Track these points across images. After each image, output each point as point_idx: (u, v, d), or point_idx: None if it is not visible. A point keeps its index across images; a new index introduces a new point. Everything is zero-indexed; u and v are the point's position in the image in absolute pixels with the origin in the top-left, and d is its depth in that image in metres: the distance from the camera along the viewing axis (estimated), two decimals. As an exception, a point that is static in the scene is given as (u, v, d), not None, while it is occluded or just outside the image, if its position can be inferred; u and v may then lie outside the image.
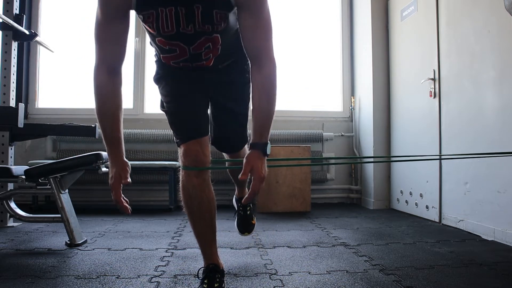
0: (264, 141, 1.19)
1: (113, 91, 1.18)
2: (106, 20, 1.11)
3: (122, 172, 1.19)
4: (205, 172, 1.31)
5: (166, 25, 1.15)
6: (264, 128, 1.20)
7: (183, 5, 1.12)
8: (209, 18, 1.16)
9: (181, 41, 1.22)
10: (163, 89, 1.40)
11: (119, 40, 1.15)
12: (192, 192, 1.29)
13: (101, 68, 1.16)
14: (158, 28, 1.17)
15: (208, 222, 1.34)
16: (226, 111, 1.48)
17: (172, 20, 1.14)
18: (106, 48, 1.15)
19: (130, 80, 3.69)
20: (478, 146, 2.31)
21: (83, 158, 2.04)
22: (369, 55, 3.51)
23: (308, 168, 3.25)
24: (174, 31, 1.17)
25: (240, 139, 1.57)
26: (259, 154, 1.18)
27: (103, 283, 1.46)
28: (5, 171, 2.07)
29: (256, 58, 1.19)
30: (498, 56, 2.18)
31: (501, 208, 2.15)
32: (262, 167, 1.17)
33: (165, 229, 2.49)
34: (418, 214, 2.99)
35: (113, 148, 1.20)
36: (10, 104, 2.54)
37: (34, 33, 2.68)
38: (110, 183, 1.18)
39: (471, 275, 1.57)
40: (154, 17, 1.14)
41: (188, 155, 1.28)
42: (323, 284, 1.48)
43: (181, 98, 1.36)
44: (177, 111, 1.36)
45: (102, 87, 1.16)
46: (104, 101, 1.17)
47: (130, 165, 1.23)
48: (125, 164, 1.21)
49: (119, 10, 1.11)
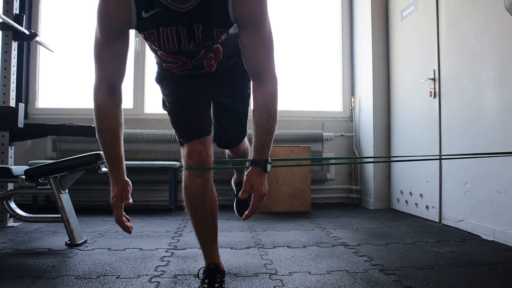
0: (264, 158, 1.20)
1: (113, 109, 1.17)
2: (106, 40, 1.10)
3: (124, 192, 1.20)
4: (208, 173, 1.31)
5: (168, 43, 1.16)
6: (265, 145, 1.20)
7: (183, 25, 1.12)
8: (210, 35, 1.16)
9: (183, 56, 1.23)
10: (165, 90, 1.41)
11: (119, 59, 1.15)
12: (195, 192, 1.30)
13: (101, 87, 1.15)
14: (159, 46, 1.18)
15: (210, 223, 1.34)
16: (227, 110, 1.48)
17: (173, 38, 1.15)
18: (106, 68, 1.14)
19: (130, 80, 3.69)
20: (478, 146, 2.31)
21: (83, 158, 2.04)
22: (369, 55, 3.51)
23: (308, 168, 3.25)
24: (176, 48, 1.19)
25: (240, 135, 1.59)
26: (260, 172, 1.19)
27: (103, 283, 1.46)
28: (5, 171, 2.07)
29: (257, 75, 1.19)
30: (498, 56, 2.18)
31: (501, 208, 2.15)
32: (262, 185, 1.18)
33: (165, 229, 2.49)
34: (418, 214, 2.99)
35: (114, 167, 1.21)
36: (10, 104, 2.54)
37: (34, 33, 2.68)
38: (112, 202, 1.19)
39: (471, 275, 1.57)
40: (155, 36, 1.14)
41: (191, 155, 1.28)
42: (323, 284, 1.48)
43: (183, 98, 1.36)
44: (179, 111, 1.36)
45: (102, 106, 1.16)
46: (105, 120, 1.17)
47: (131, 184, 1.23)
48: (127, 183, 1.22)
49: (119, 30, 1.10)
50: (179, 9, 1.06)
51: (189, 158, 1.28)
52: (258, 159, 1.19)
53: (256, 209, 1.17)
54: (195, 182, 1.29)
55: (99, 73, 1.14)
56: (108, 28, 1.08)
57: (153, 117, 3.65)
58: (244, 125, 1.56)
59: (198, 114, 1.35)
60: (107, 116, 1.16)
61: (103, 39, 1.10)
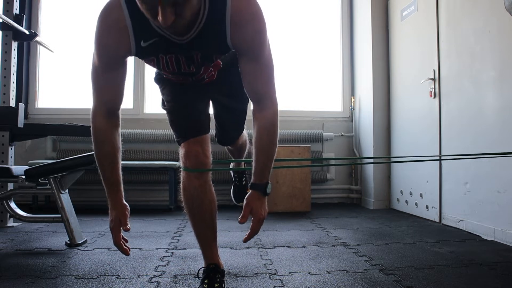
0: (264, 181, 1.20)
1: (111, 134, 1.18)
2: (104, 67, 1.10)
3: (122, 217, 1.19)
4: (206, 173, 1.31)
5: (167, 67, 1.17)
6: (265, 169, 1.21)
7: (182, 53, 1.13)
8: (208, 59, 1.18)
9: (183, 76, 1.25)
10: (164, 89, 1.41)
11: (117, 85, 1.15)
12: (193, 193, 1.29)
13: (99, 112, 1.15)
14: (160, 68, 1.20)
15: (209, 223, 1.34)
16: (227, 109, 1.49)
17: (173, 64, 1.16)
18: (104, 94, 1.14)
19: (130, 80, 3.69)
20: (478, 146, 2.31)
21: (83, 158, 2.04)
22: (369, 55, 3.51)
23: (308, 168, 3.26)
24: (176, 71, 1.20)
25: (239, 132, 1.61)
26: (259, 195, 1.20)
27: (103, 283, 1.46)
28: (5, 171, 2.07)
29: (258, 101, 1.19)
30: (498, 56, 2.18)
31: (501, 208, 2.15)
32: (262, 208, 1.19)
33: (165, 229, 2.49)
34: (418, 214, 2.99)
35: (112, 191, 1.20)
36: (10, 104, 2.54)
37: (34, 33, 2.68)
38: (110, 226, 1.19)
39: (471, 275, 1.57)
40: (155, 62, 1.16)
41: (189, 156, 1.27)
42: (323, 284, 1.48)
43: (182, 97, 1.36)
44: (177, 110, 1.36)
45: (101, 131, 1.16)
46: (103, 145, 1.17)
47: (129, 208, 1.22)
48: (125, 208, 1.21)
49: (117, 58, 1.10)
50: (178, 40, 1.07)
51: (187, 159, 1.28)
52: (258, 183, 1.20)
53: (256, 232, 1.18)
54: (193, 184, 1.28)
55: (97, 98, 1.14)
56: (106, 57, 1.08)
57: (153, 117, 3.65)
58: (243, 122, 1.58)
59: (196, 113, 1.35)
60: (105, 141, 1.17)
61: (101, 66, 1.09)
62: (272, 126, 1.22)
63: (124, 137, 3.49)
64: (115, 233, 1.18)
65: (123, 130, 3.47)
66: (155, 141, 3.55)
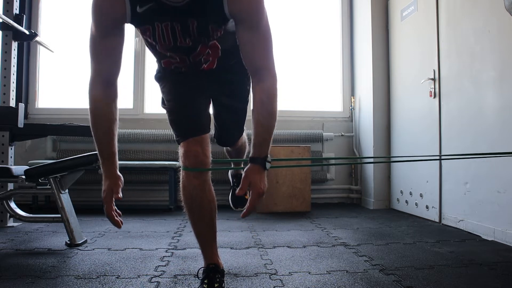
0: (263, 156, 1.18)
1: (108, 105, 1.18)
2: (101, 35, 1.10)
3: (115, 187, 1.18)
4: (205, 173, 1.31)
5: (163, 39, 1.16)
6: (264, 143, 1.18)
7: (178, 21, 1.12)
8: (205, 32, 1.16)
9: (180, 52, 1.24)
10: (164, 88, 1.41)
11: (114, 53, 1.15)
12: (192, 192, 1.29)
13: (96, 82, 1.16)
14: (155, 41, 1.18)
15: (209, 223, 1.34)
16: (227, 108, 1.49)
17: (168, 35, 1.15)
18: (101, 62, 1.14)
19: (130, 80, 3.69)
20: (478, 146, 2.31)
21: (83, 158, 2.04)
22: (369, 55, 3.51)
23: (308, 168, 3.26)
24: (172, 45, 1.19)
25: (239, 133, 1.60)
26: (259, 169, 1.17)
27: (103, 283, 1.46)
28: (5, 171, 2.07)
29: (256, 72, 1.18)
30: (498, 56, 2.18)
31: (501, 208, 2.15)
32: (261, 182, 1.16)
33: (165, 229, 2.49)
34: (418, 214, 2.99)
35: (106, 162, 1.20)
36: (10, 104, 2.54)
37: (34, 33, 2.68)
38: (103, 196, 1.18)
39: (471, 275, 1.57)
40: (150, 31, 1.14)
41: (188, 156, 1.27)
42: (323, 284, 1.48)
43: (182, 97, 1.36)
44: (177, 109, 1.36)
45: (97, 101, 1.17)
46: (99, 115, 1.17)
47: (123, 179, 1.22)
48: (118, 178, 1.20)
49: (114, 25, 1.10)
50: (174, 3, 1.06)
51: (186, 158, 1.27)
52: (257, 157, 1.18)
53: (254, 207, 1.15)
54: (193, 183, 1.28)
55: (94, 68, 1.15)
56: (103, 24, 1.08)
57: (153, 117, 3.65)
58: (243, 122, 1.57)
59: (196, 112, 1.35)
60: (102, 111, 1.17)
61: (98, 34, 1.10)
62: (271, 98, 1.19)
63: (124, 137, 3.49)
64: (107, 203, 1.17)
65: (123, 130, 3.50)
66: (155, 141, 3.55)
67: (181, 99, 1.36)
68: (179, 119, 1.35)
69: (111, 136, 1.19)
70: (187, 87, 1.36)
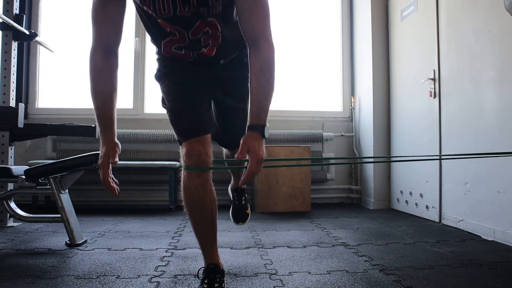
0: (262, 123, 1.17)
1: (108, 71, 1.19)
2: (102, 3, 1.13)
3: (111, 152, 1.18)
4: (207, 173, 1.31)
5: (163, 7, 1.16)
6: (262, 110, 1.17)
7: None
8: (205, 1, 1.17)
9: (179, 25, 1.23)
10: (164, 87, 1.40)
11: (116, 21, 1.17)
12: (194, 192, 1.29)
13: (97, 49, 1.17)
14: (155, 10, 1.17)
15: (209, 222, 1.34)
16: (228, 108, 1.48)
17: (168, 2, 1.15)
18: (103, 29, 1.16)
19: (130, 80, 3.69)
20: (478, 146, 2.31)
21: (83, 158, 2.04)
22: (369, 55, 3.51)
23: (308, 168, 3.25)
24: (171, 14, 1.18)
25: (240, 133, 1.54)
26: (257, 136, 1.15)
27: (103, 283, 1.46)
28: (5, 171, 2.07)
29: (254, 41, 1.18)
30: (498, 56, 2.18)
31: (501, 208, 2.15)
32: (259, 149, 1.13)
33: (165, 229, 2.49)
34: (418, 214, 2.99)
35: (105, 129, 1.20)
36: (10, 104, 2.54)
37: (34, 33, 2.68)
38: (99, 162, 1.18)
39: (471, 275, 1.57)
40: (151, 1, 1.15)
41: (190, 155, 1.27)
42: (323, 284, 1.48)
43: (182, 96, 1.35)
44: (178, 109, 1.36)
45: (98, 67, 1.18)
46: (99, 80, 1.18)
47: (120, 146, 1.21)
48: (115, 144, 1.20)
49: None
50: None
51: (188, 158, 1.27)
52: (255, 124, 1.17)
53: (254, 174, 1.12)
54: (194, 182, 1.28)
55: (96, 35, 1.17)
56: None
57: (153, 117, 3.65)
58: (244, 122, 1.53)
59: (197, 112, 1.35)
60: (101, 78, 1.18)
61: (100, 2, 1.13)
62: (269, 67, 1.18)
63: (124, 137, 3.49)
64: (103, 169, 1.17)
65: (123, 130, 3.51)
66: (155, 141, 3.55)
67: (181, 99, 1.35)
68: (180, 119, 1.35)
69: (109, 103, 1.19)
70: (187, 86, 1.36)
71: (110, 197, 3.50)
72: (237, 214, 1.85)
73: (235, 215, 1.86)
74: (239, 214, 1.85)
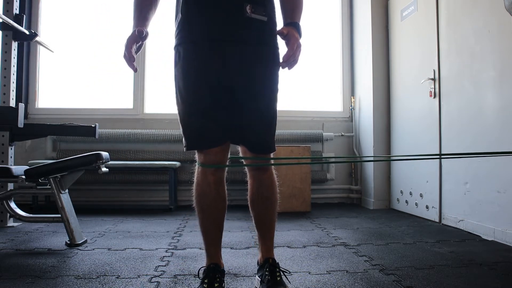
0: (297, 21, 1.35)
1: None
2: None
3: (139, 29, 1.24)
4: (222, 170, 1.30)
5: None
6: (296, 10, 1.38)
7: None
8: None
9: None
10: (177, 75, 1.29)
11: None
12: (206, 189, 1.29)
13: None
14: None
15: (217, 221, 1.34)
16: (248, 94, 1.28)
17: None
18: None
19: (130, 80, 3.69)
20: (478, 146, 2.31)
21: (83, 158, 2.04)
22: (369, 55, 3.51)
23: (308, 168, 3.25)
24: None
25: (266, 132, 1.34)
26: (293, 28, 1.31)
27: (103, 283, 1.46)
28: (5, 171, 2.07)
29: None
30: (498, 56, 2.18)
31: (501, 208, 2.15)
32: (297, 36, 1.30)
33: (165, 229, 2.49)
34: (418, 214, 2.99)
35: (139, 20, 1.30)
36: (10, 104, 2.55)
37: (34, 33, 2.68)
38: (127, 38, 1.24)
39: (471, 275, 1.57)
40: None
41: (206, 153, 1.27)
42: (323, 284, 1.48)
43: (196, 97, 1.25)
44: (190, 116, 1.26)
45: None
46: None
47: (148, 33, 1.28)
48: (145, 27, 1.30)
49: None
50: None
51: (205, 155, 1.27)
52: (291, 22, 1.34)
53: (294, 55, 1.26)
54: (208, 180, 1.28)
55: None
56: None
57: (153, 117, 3.65)
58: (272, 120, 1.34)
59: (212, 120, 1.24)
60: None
61: None
62: None
63: (124, 137, 3.49)
64: (128, 43, 1.23)
65: (123, 130, 3.51)
66: (155, 141, 3.55)
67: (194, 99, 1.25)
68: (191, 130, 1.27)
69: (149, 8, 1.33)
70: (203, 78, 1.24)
71: (110, 197, 3.50)
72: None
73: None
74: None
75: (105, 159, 2.06)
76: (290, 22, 1.32)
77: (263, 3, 1.31)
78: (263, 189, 1.46)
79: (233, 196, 3.51)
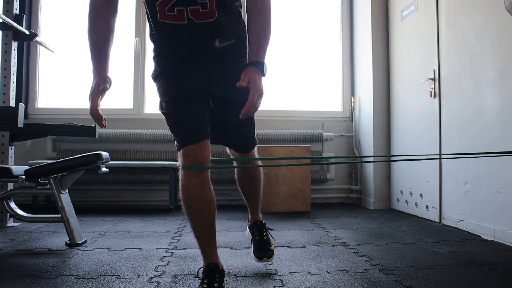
0: (260, 59, 1.24)
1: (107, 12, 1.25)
2: None
3: (102, 83, 1.21)
4: (204, 172, 1.31)
5: None
6: (260, 48, 1.25)
7: None
8: None
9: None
10: (160, 87, 1.39)
11: None
12: (191, 191, 1.30)
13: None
14: None
15: (208, 222, 1.34)
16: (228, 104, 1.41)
17: None
18: None
19: (130, 80, 3.69)
20: (478, 146, 2.31)
21: (83, 158, 2.04)
22: (369, 55, 3.51)
23: (308, 168, 3.25)
24: None
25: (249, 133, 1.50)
26: (257, 70, 1.21)
27: (103, 283, 1.46)
28: (5, 171, 2.07)
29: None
30: (498, 56, 2.18)
31: (501, 208, 2.15)
32: (259, 82, 1.19)
33: (165, 229, 2.49)
34: (418, 214, 2.99)
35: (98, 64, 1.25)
36: (10, 104, 2.55)
37: (34, 33, 2.68)
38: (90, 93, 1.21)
39: (471, 275, 1.57)
40: None
41: (187, 155, 1.28)
42: (323, 284, 1.48)
43: (179, 100, 1.33)
44: (175, 115, 1.34)
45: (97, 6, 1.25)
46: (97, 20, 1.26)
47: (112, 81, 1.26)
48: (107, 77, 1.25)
49: None
50: None
51: (185, 158, 1.28)
52: (254, 60, 1.23)
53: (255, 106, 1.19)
54: (192, 182, 1.28)
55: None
56: None
57: (153, 117, 3.65)
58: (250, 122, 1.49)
59: (194, 117, 1.32)
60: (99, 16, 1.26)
61: None
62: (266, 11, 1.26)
63: (124, 137, 3.49)
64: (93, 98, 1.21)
65: (123, 130, 3.51)
66: (155, 141, 3.55)
67: (177, 102, 1.33)
68: (177, 127, 1.34)
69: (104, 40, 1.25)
70: (183, 87, 1.34)
71: (110, 197, 3.50)
72: (260, 251, 1.59)
73: (257, 250, 1.60)
74: (263, 251, 1.59)
75: (105, 159, 2.06)
76: (253, 62, 1.22)
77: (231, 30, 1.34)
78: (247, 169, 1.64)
79: (233, 196, 3.52)
